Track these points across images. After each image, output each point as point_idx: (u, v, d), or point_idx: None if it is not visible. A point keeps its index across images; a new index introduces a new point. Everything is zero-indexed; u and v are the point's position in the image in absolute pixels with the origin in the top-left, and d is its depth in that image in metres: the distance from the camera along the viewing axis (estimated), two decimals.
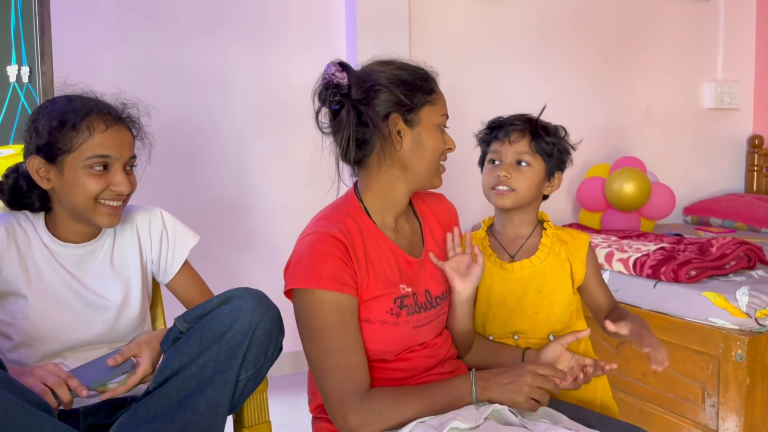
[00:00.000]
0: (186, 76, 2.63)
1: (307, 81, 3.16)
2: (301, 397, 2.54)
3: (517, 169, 1.36)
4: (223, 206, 2.71)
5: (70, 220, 1.30)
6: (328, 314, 1.13)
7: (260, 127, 2.76)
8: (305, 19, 2.80)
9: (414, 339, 1.22)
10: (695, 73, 3.72)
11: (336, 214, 1.24)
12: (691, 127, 3.74)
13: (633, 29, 3.51)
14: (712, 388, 1.98)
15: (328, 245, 1.15)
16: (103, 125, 1.24)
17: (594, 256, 1.46)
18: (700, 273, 2.14)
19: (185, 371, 1.13)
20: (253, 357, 1.15)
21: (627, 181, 2.95)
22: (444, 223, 1.36)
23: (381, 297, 1.19)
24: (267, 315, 1.16)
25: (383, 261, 1.21)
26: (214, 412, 1.13)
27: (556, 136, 1.39)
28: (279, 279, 3.16)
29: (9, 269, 1.25)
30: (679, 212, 3.64)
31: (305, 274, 1.14)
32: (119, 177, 1.26)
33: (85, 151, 1.23)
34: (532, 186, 1.37)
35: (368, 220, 1.24)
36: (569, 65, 3.34)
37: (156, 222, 1.43)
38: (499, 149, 1.38)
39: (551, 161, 1.39)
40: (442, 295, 1.29)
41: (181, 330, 1.19)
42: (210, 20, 2.64)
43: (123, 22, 2.50)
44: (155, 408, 1.12)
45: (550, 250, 1.40)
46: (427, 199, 1.39)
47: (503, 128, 1.38)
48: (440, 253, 1.31)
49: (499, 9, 3.15)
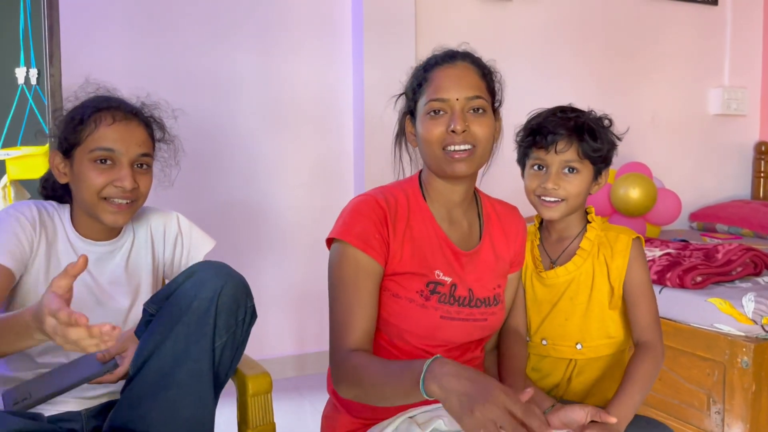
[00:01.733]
0: (193, 79, 2.64)
1: (315, 82, 3.18)
2: (306, 400, 2.54)
3: (565, 177, 1.28)
4: (231, 208, 2.72)
5: (86, 216, 1.29)
6: (345, 268, 1.17)
7: (267, 129, 2.77)
8: (312, 21, 2.81)
9: (440, 330, 1.21)
10: (702, 79, 3.72)
11: (393, 188, 1.28)
12: (698, 133, 3.73)
13: (640, 34, 3.51)
14: (718, 394, 1.97)
15: (367, 208, 1.20)
16: (110, 119, 1.24)
17: (639, 264, 1.31)
18: (706, 279, 2.13)
19: (159, 350, 1.13)
20: (223, 323, 1.15)
21: (633, 187, 2.95)
22: (510, 234, 1.34)
23: (413, 275, 1.20)
24: (230, 282, 1.17)
25: (425, 243, 1.23)
26: (198, 381, 1.13)
27: (603, 138, 1.29)
28: (287, 280, 3.17)
29: (36, 262, 1.24)
30: (685, 218, 3.63)
31: (339, 227, 1.20)
32: (123, 172, 1.24)
33: (90, 143, 1.23)
34: (582, 193, 1.30)
35: (423, 203, 1.27)
36: (575, 70, 3.34)
37: (171, 225, 1.42)
38: (544, 157, 1.28)
39: (598, 162, 1.30)
40: (486, 300, 1.26)
41: (151, 313, 1.19)
42: (217, 23, 2.65)
43: (131, 24, 2.52)
44: (138, 391, 1.13)
45: (589, 254, 1.32)
46: (499, 206, 1.37)
47: (547, 136, 1.27)
48: (492, 257, 1.29)
49: (505, 12, 3.16)
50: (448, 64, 1.23)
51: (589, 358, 1.33)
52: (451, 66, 1.22)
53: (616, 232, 1.34)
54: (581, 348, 1.32)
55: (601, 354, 1.34)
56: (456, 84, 1.19)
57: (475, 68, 1.23)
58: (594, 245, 1.33)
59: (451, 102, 1.18)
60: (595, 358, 1.34)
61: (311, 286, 2.81)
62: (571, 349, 1.33)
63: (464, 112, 1.18)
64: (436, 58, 1.25)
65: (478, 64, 1.24)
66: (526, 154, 1.33)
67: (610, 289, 1.32)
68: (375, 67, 2.78)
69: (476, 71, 1.22)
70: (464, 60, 1.23)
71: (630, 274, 1.30)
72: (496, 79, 1.27)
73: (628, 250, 1.30)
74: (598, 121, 1.32)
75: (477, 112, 1.19)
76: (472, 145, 1.18)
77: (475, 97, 1.19)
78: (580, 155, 1.27)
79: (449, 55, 1.25)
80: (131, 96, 1.34)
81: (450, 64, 1.23)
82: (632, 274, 1.30)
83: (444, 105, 1.19)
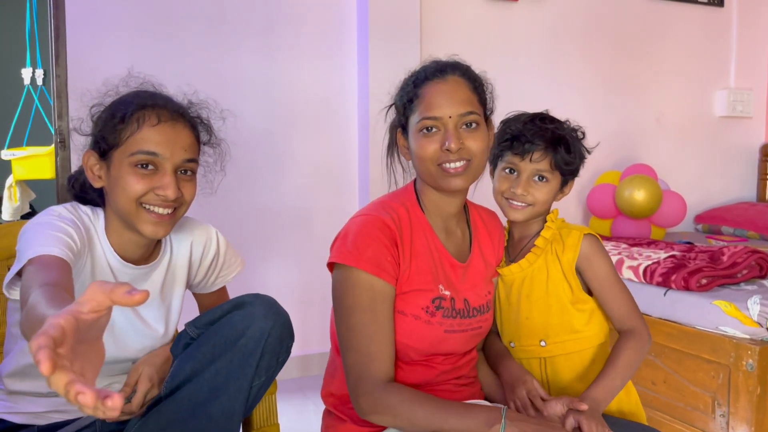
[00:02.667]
0: (198, 80, 2.63)
1: (319, 84, 3.19)
2: (309, 401, 2.54)
3: (534, 184, 1.31)
4: (234, 209, 2.72)
5: (122, 227, 1.17)
6: (360, 295, 1.14)
7: (272, 131, 2.77)
8: (317, 23, 2.82)
9: (443, 343, 1.21)
10: (707, 81, 3.71)
11: (392, 202, 1.25)
12: (703, 135, 3.72)
13: (645, 36, 3.50)
14: (723, 397, 1.96)
15: (376, 229, 1.17)
16: (155, 119, 1.12)
17: (596, 258, 1.33)
18: (711, 281, 2.13)
19: (198, 378, 1.11)
20: (265, 364, 1.14)
21: (638, 189, 2.94)
22: (495, 240, 1.37)
23: (419, 292, 1.19)
24: (278, 321, 1.15)
25: (427, 258, 1.22)
26: (228, 419, 1.12)
27: (576, 151, 1.33)
28: (291, 284, 3.18)
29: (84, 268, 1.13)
30: (690, 220, 3.62)
31: (347, 251, 1.15)
32: (167, 179, 1.11)
33: (131, 146, 1.10)
34: (548, 200, 1.33)
35: (421, 215, 1.25)
36: (581, 71, 3.34)
37: (211, 246, 1.33)
38: (518, 163, 1.31)
39: (567, 173, 1.34)
40: (480, 307, 1.27)
41: (191, 336, 1.17)
42: (223, 25, 2.66)
43: (137, 25, 2.53)
44: (167, 415, 1.11)
45: (543, 251, 1.34)
46: (483, 212, 1.39)
47: (524, 144, 1.29)
48: (482, 265, 1.31)
49: (511, 13, 3.15)
50: (439, 78, 1.19)
51: (557, 355, 1.34)
52: (441, 81, 1.19)
53: (569, 228, 1.36)
54: (545, 345, 1.33)
55: (570, 350, 1.34)
56: (448, 100, 1.17)
57: (466, 81, 1.20)
58: (548, 243, 1.35)
59: (444, 120, 1.16)
60: (564, 355, 1.34)
61: (315, 287, 2.82)
62: (536, 347, 1.34)
63: (458, 129, 1.17)
64: (426, 72, 1.21)
65: (469, 76, 1.21)
66: (500, 156, 1.36)
67: (568, 285, 1.33)
68: (380, 69, 2.78)
69: (467, 84, 1.20)
70: (454, 73, 1.20)
71: (590, 270, 1.32)
72: (488, 88, 1.25)
73: (579, 244, 1.32)
74: (573, 132, 1.34)
75: (470, 127, 1.18)
76: (467, 160, 1.18)
77: (468, 112, 1.17)
78: (552, 166, 1.30)
79: (439, 68, 1.21)
80: (177, 93, 1.22)
81: (440, 79, 1.19)
82: (593, 270, 1.32)
83: (437, 123, 1.17)
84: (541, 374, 1.36)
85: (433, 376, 1.23)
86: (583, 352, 1.35)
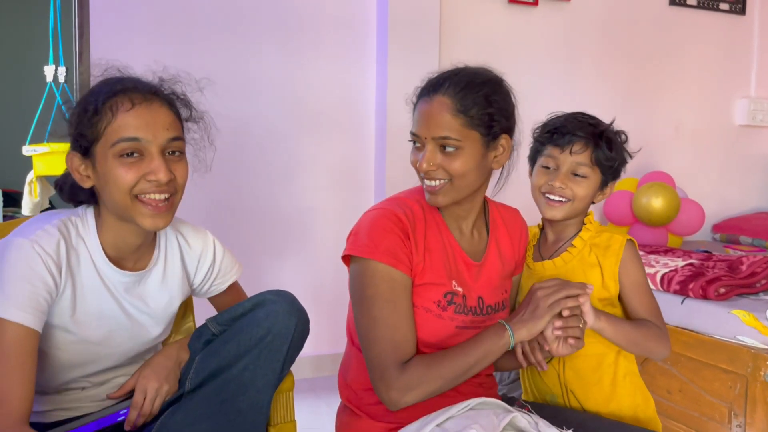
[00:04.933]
0: (218, 80, 2.65)
1: (338, 86, 3.20)
2: (322, 401, 2.54)
3: (573, 179, 1.31)
4: (250, 209, 2.74)
5: (118, 224, 1.12)
6: (380, 285, 1.16)
7: (290, 131, 2.79)
8: (337, 25, 2.83)
9: (454, 339, 1.22)
10: (728, 89, 3.68)
11: (407, 199, 1.27)
12: (723, 143, 3.69)
13: (665, 43, 3.48)
14: (739, 407, 1.94)
15: (389, 222, 1.19)
16: (128, 103, 1.06)
17: (633, 264, 1.34)
18: (730, 290, 2.11)
19: (224, 375, 1.13)
20: (290, 358, 1.18)
21: (655, 196, 2.92)
22: (514, 238, 1.37)
23: (431, 286, 1.21)
24: (301, 318, 1.18)
25: (441, 253, 1.23)
26: (257, 411, 1.15)
27: (618, 149, 1.32)
28: (304, 281, 3.18)
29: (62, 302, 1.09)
30: (707, 229, 3.59)
31: (363, 244, 1.18)
32: (155, 163, 1.06)
33: (111, 136, 1.05)
34: (587, 198, 1.32)
35: (437, 213, 1.27)
36: (600, 77, 3.32)
37: (208, 254, 1.29)
38: (557, 156, 1.31)
39: (608, 172, 1.33)
40: (495, 305, 1.29)
41: (214, 332, 1.20)
42: (243, 26, 2.68)
43: (158, 25, 2.55)
44: (195, 410, 1.13)
45: (579, 252, 1.35)
46: (503, 210, 1.40)
47: (565, 135, 1.30)
48: (499, 263, 1.32)
49: (529, 18, 3.15)
50: (426, 97, 1.20)
51: (578, 356, 1.32)
52: (427, 101, 1.20)
53: (610, 233, 1.37)
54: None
55: (590, 352, 1.32)
56: (426, 122, 1.18)
57: (453, 102, 1.16)
58: (586, 245, 1.35)
59: (422, 139, 1.20)
60: (584, 357, 1.32)
61: (328, 288, 2.83)
62: None
63: (435, 150, 1.18)
64: (423, 87, 1.24)
65: (459, 97, 1.17)
66: (539, 151, 1.35)
67: (603, 288, 1.32)
68: (398, 71, 2.79)
69: (452, 106, 1.16)
70: (444, 93, 1.18)
71: (627, 275, 1.32)
72: (495, 103, 1.20)
73: (621, 250, 1.33)
74: (616, 133, 1.34)
75: (445, 150, 1.17)
76: (445, 180, 1.19)
77: (443, 137, 1.17)
78: (592, 161, 1.30)
79: (432, 86, 1.21)
80: (146, 72, 1.16)
81: (427, 98, 1.20)
82: (629, 274, 1.33)
83: (419, 139, 1.21)
84: (557, 375, 1.36)
85: None
86: (601, 357, 1.35)
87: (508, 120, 1.23)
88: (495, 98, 1.20)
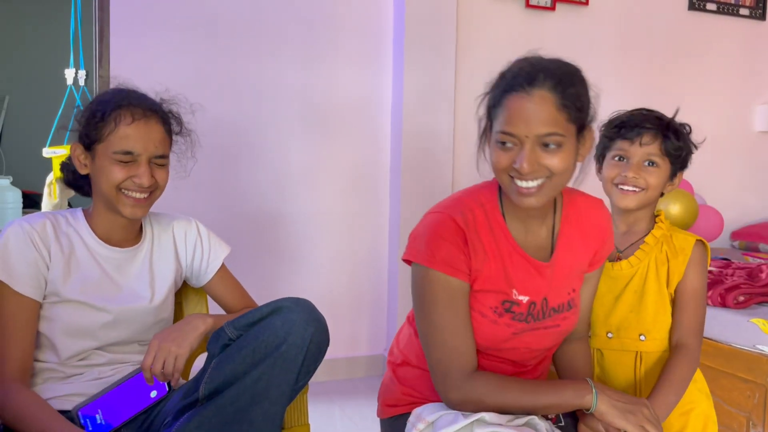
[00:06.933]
0: (236, 85, 2.68)
1: (354, 90, 3.21)
2: (335, 405, 2.54)
3: (645, 169, 1.37)
4: (266, 213, 2.75)
5: (107, 211, 1.32)
6: (439, 292, 1.17)
7: (306, 135, 2.80)
8: (354, 33, 2.84)
9: (510, 343, 1.22)
10: (747, 95, 3.64)
11: (469, 200, 1.22)
12: (742, 150, 3.65)
13: (684, 48, 3.45)
14: (758, 417, 1.91)
15: (447, 230, 1.17)
16: (129, 117, 1.26)
17: (698, 265, 1.38)
18: (749, 299, 2.08)
19: (239, 383, 1.13)
20: (305, 369, 1.18)
21: (673, 202, 2.89)
22: (590, 233, 1.28)
23: (489, 293, 1.20)
24: (318, 328, 1.18)
25: (501, 261, 1.20)
26: (270, 423, 1.15)
27: (685, 139, 1.39)
28: (320, 286, 3.17)
29: (56, 268, 1.26)
30: (726, 237, 3.55)
31: (422, 251, 1.18)
32: (142, 169, 1.26)
33: (112, 143, 1.25)
34: (659, 186, 1.38)
35: (500, 218, 1.21)
36: (616, 83, 3.30)
37: (192, 231, 1.45)
38: (628, 149, 1.37)
39: (676, 162, 1.39)
40: (558, 307, 1.24)
41: (230, 337, 1.19)
42: (261, 32, 2.70)
43: (179, 31, 2.58)
44: (210, 420, 1.13)
45: (652, 249, 1.39)
46: (582, 201, 1.30)
47: (634, 128, 1.37)
48: (569, 262, 1.25)
49: (547, 23, 3.14)
50: (524, 92, 1.10)
51: (653, 352, 1.38)
52: (526, 96, 1.10)
53: (684, 234, 1.41)
54: (645, 339, 1.38)
55: (663, 348, 1.38)
56: (527, 119, 1.09)
57: (555, 96, 1.10)
58: (658, 242, 1.39)
59: (521, 138, 1.10)
60: (657, 353, 1.38)
61: (343, 292, 2.82)
62: (635, 342, 1.38)
63: (534, 149, 1.10)
64: (515, 80, 1.13)
65: (560, 89, 1.11)
66: (607, 147, 1.41)
67: (667, 290, 1.37)
68: (415, 76, 2.79)
69: (555, 100, 1.10)
70: (543, 87, 1.10)
71: (687, 277, 1.37)
72: (583, 95, 1.16)
73: (690, 249, 1.37)
74: (683, 126, 1.41)
75: (548, 147, 1.10)
76: (544, 179, 1.12)
77: (548, 134, 1.09)
78: (662, 151, 1.36)
79: (529, 78, 1.12)
80: (149, 90, 1.36)
81: (525, 93, 1.10)
82: (689, 277, 1.37)
83: (514, 139, 1.11)
84: (635, 369, 1.39)
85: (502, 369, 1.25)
86: (666, 353, 1.39)
87: (592, 111, 1.20)
88: (585, 90, 1.18)
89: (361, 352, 2.83)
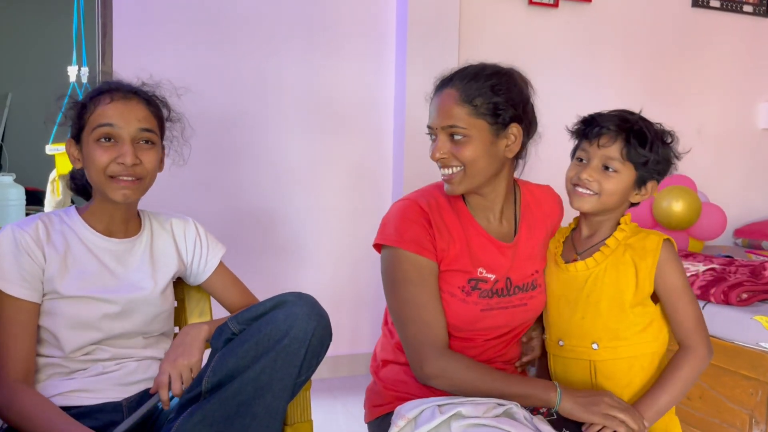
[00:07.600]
0: (239, 81, 2.68)
1: (357, 86, 3.20)
2: (338, 402, 2.55)
3: (603, 173, 1.28)
4: (269, 209, 2.75)
5: (103, 202, 1.31)
6: (408, 270, 1.25)
7: (309, 131, 2.80)
8: (357, 28, 2.84)
9: (480, 322, 1.29)
10: (751, 92, 3.63)
11: (432, 189, 1.36)
12: (746, 147, 3.64)
13: (687, 45, 3.45)
14: (761, 415, 1.91)
15: (413, 212, 1.28)
16: (108, 98, 1.27)
17: (671, 266, 1.29)
18: (752, 296, 2.08)
19: (242, 377, 1.13)
20: (307, 363, 1.18)
21: (676, 200, 2.89)
22: (546, 212, 1.42)
23: (456, 273, 1.27)
24: (321, 323, 1.18)
25: (465, 241, 1.29)
26: (272, 417, 1.15)
27: (653, 147, 1.28)
28: (323, 282, 3.19)
29: (52, 268, 1.24)
30: (729, 234, 3.54)
31: (390, 234, 1.27)
32: (125, 148, 1.24)
33: (92, 123, 1.26)
34: (617, 193, 1.29)
35: (461, 203, 1.34)
36: (620, 79, 3.30)
37: (191, 230, 1.44)
38: (587, 149, 1.30)
39: (644, 170, 1.29)
40: (523, 286, 1.33)
41: (233, 331, 1.20)
42: (265, 28, 2.70)
43: (182, 27, 2.58)
44: (213, 413, 1.13)
45: (612, 252, 1.31)
46: (536, 189, 1.45)
47: (594, 128, 1.28)
48: (530, 243, 1.37)
49: (550, 19, 3.13)
50: (438, 92, 1.30)
51: (607, 360, 1.30)
52: (438, 95, 1.30)
53: (646, 233, 1.34)
54: (597, 348, 1.31)
55: (620, 356, 1.30)
56: (436, 113, 1.28)
57: (457, 93, 1.25)
58: (620, 246, 1.31)
59: (435, 130, 1.29)
60: (613, 360, 1.30)
61: (346, 288, 2.82)
62: (587, 350, 1.31)
63: (445, 139, 1.26)
64: (436, 84, 1.33)
65: (463, 88, 1.25)
66: (577, 146, 1.35)
67: (636, 289, 1.29)
68: (417, 72, 2.79)
69: (457, 97, 1.25)
70: (451, 86, 1.27)
71: (664, 277, 1.29)
72: (500, 93, 1.25)
73: (659, 249, 1.29)
74: (658, 132, 1.31)
75: (455, 138, 1.25)
76: (458, 168, 1.26)
77: (449, 126, 1.25)
78: (623, 156, 1.27)
79: (442, 81, 1.31)
80: (133, 78, 1.36)
81: (438, 93, 1.30)
82: (666, 277, 1.29)
83: (432, 131, 1.30)
84: (589, 378, 1.33)
85: (478, 353, 1.30)
86: (634, 360, 1.31)
87: (516, 109, 1.27)
88: (500, 88, 1.25)
89: (364, 349, 2.82)
